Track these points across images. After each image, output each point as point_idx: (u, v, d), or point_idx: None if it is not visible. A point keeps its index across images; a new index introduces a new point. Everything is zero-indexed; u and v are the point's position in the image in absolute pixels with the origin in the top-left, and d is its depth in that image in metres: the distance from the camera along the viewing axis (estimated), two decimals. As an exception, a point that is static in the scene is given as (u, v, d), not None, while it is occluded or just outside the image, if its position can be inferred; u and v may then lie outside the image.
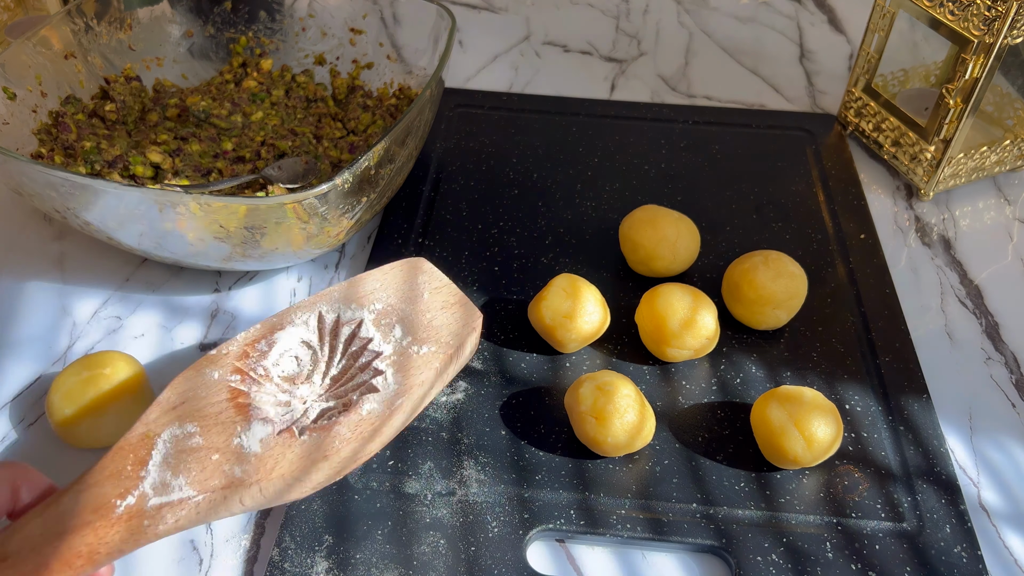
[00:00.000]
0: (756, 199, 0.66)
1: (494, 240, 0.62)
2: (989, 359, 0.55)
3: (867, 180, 0.70)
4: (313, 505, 0.45)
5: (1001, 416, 0.52)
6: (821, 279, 0.59)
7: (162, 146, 0.63)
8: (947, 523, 0.45)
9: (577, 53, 0.86)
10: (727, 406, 0.51)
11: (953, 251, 0.63)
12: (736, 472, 0.47)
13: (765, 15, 0.93)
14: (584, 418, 0.46)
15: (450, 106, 0.75)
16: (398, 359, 0.41)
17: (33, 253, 0.61)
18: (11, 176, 0.51)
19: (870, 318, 0.56)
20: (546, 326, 0.51)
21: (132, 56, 0.69)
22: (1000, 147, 0.67)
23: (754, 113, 0.76)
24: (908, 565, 0.43)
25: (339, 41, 0.73)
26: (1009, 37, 0.57)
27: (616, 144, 0.71)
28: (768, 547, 0.44)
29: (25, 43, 0.61)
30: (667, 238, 0.56)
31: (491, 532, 0.44)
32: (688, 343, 0.50)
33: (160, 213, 0.49)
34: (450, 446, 0.48)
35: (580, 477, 0.47)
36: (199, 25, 0.72)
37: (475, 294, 0.58)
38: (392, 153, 0.54)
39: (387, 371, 0.41)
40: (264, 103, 0.69)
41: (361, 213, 0.55)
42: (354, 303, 0.44)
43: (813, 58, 0.86)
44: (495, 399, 0.51)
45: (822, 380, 0.52)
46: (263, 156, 0.63)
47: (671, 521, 0.45)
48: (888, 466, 0.48)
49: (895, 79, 0.74)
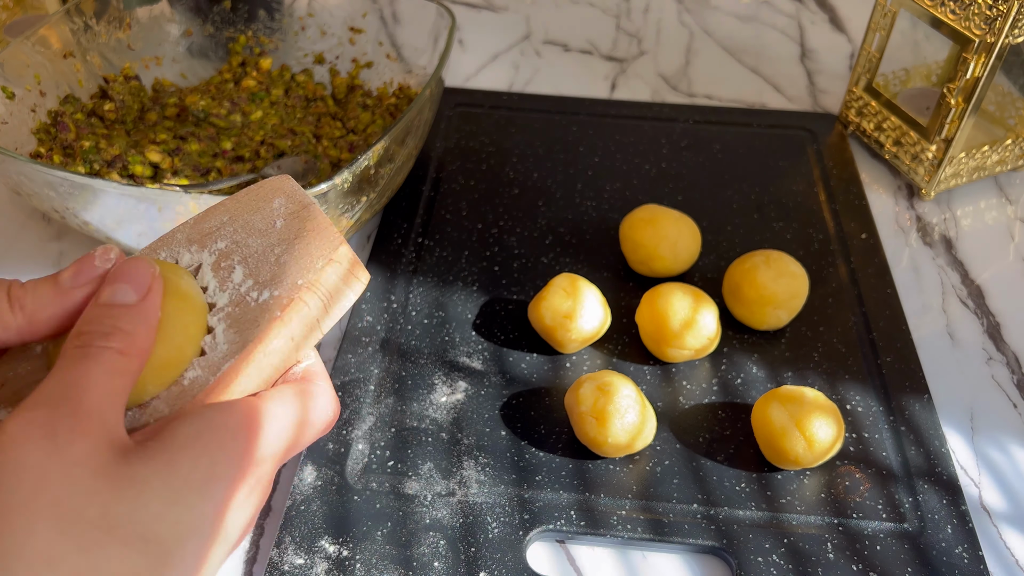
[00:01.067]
0: (757, 199, 0.66)
1: (494, 240, 0.62)
2: (990, 359, 0.55)
3: (868, 180, 0.70)
4: (312, 506, 0.45)
5: (1002, 416, 0.52)
6: (822, 279, 0.59)
7: (161, 145, 0.62)
8: (948, 524, 0.45)
9: (577, 52, 0.86)
10: (728, 406, 0.51)
11: (954, 251, 0.63)
12: (737, 472, 0.47)
13: (766, 14, 0.92)
14: (584, 418, 0.45)
15: (450, 105, 0.75)
16: (233, 311, 0.32)
17: (32, 253, 0.61)
18: (10, 176, 0.51)
19: (871, 318, 0.56)
20: (546, 326, 0.51)
21: (131, 55, 0.69)
22: (1002, 146, 0.66)
23: (755, 112, 0.76)
24: (909, 566, 0.43)
25: (338, 40, 0.73)
26: (1010, 36, 0.57)
27: (616, 144, 0.71)
28: (769, 548, 0.43)
29: (24, 42, 0.61)
30: (668, 238, 0.56)
31: (491, 533, 0.44)
32: (689, 343, 0.50)
33: (159, 213, 0.49)
34: (450, 447, 0.48)
35: (580, 478, 0.47)
36: (198, 24, 0.72)
37: (475, 294, 0.57)
38: (392, 152, 0.54)
39: (216, 328, 0.32)
40: (263, 102, 0.69)
41: (361, 212, 0.55)
42: (195, 244, 0.35)
43: (814, 57, 0.86)
44: (495, 399, 0.50)
45: (823, 380, 0.52)
46: (262, 155, 0.63)
47: (672, 522, 0.45)
48: (889, 466, 0.47)
49: (896, 78, 0.74)
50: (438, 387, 0.51)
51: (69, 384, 0.26)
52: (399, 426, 0.49)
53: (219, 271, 0.34)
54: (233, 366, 0.31)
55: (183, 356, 0.31)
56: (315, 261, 0.33)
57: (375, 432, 0.49)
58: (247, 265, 0.34)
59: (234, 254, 0.34)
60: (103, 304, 0.28)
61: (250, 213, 0.35)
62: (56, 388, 0.26)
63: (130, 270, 0.29)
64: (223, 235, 0.35)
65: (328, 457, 0.47)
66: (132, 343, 0.28)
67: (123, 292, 0.29)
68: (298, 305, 0.32)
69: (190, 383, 0.31)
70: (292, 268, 0.33)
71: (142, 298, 0.29)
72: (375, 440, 0.48)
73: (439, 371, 0.52)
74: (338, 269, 0.34)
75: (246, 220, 0.35)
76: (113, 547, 0.24)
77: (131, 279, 0.29)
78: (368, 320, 0.55)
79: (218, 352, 0.31)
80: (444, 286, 0.58)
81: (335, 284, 0.34)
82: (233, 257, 0.34)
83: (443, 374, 0.52)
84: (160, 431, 0.27)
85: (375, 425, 0.49)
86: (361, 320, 0.55)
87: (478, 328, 0.55)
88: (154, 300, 0.29)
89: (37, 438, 0.24)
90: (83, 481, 0.24)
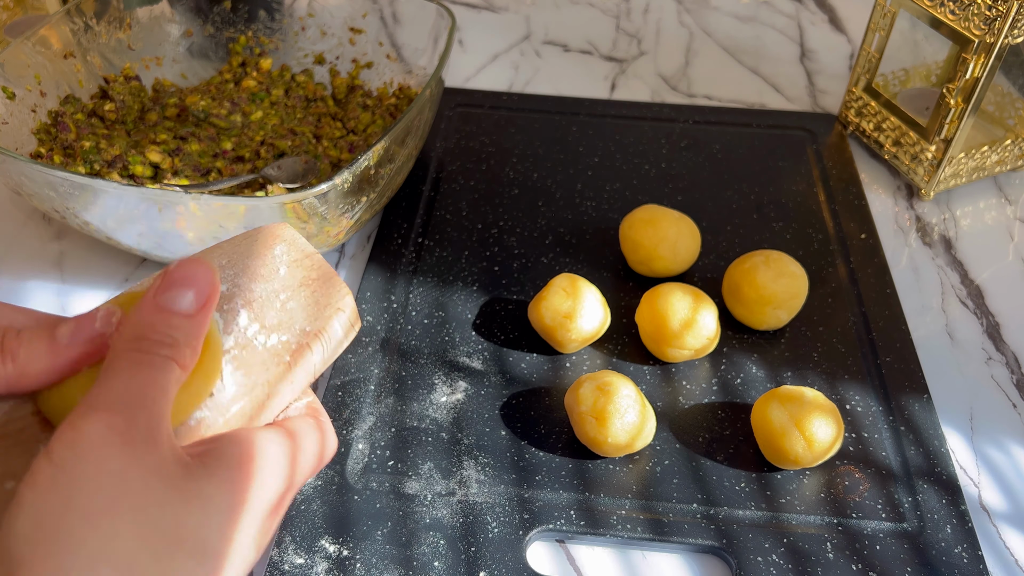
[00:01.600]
0: (757, 199, 0.66)
1: (494, 240, 0.62)
2: (990, 359, 0.55)
3: (868, 180, 0.70)
4: (313, 505, 0.45)
5: (1002, 416, 0.52)
6: (822, 279, 0.59)
7: (161, 146, 0.62)
8: (948, 523, 0.45)
9: (577, 53, 0.86)
10: (728, 406, 0.51)
11: (954, 251, 0.63)
12: (737, 472, 0.47)
13: (766, 14, 0.92)
14: (584, 418, 0.45)
15: (450, 106, 0.75)
16: (240, 353, 0.33)
17: (32, 253, 0.61)
18: (10, 176, 0.51)
19: (871, 318, 0.56)
20: (546, 326, 0.51)
21: (131, 56, 0.69)
22: (1001, 147, 0.66)
23: (755, 113, 0.76)
24: (909, 565, 0.43)
25: (339, 40, 0.73)
26: (1010, 37, 0.57)
27: (616, 144, 0.71)
28: (769, 547, 0.44)
29: (24, 42, 0.61)
30: (667, 238, 0.56)
31: (491, 532, 0.44)
32: (688, 343, 0.50)
33: (159, 213, 0.49)
34: (450, 446, 0.48)
35: (580, 477, 0.47)
36: (198, 24, 0.72)
37: (475, 294, 0.57)
38: (392, 153, 0.54)
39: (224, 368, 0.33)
40: (263, 103, 0.69)
41: (361, 213, 0.55)
42: None
43: (814, 57, 0.86)
44: (495, 399, 0.51)
45: (823, 380, 0.52)
46: (262, 156, 0.63)
47: (671, 521, 0.45)
48: (889, 466, 0.48)
49: (896, 79, 0.74)
50: (438, 387, 0.51)
51: (138, 391, 0.25)
52: (399, 426, 0.49)
53: (222, 312, 0.34)
54: (242, 408, 0.31)
55: (199, 398, 0.30)
56: (323, 309, 0.34)
57: (375, 432, 0.49)
58: (251, 309, 0.34)
59: (236, 298, 0.34)
60: (163, 308, 0.27)
61: (249, 258, 0.36)
62: (127, 393, 0.25)
63: (194, 274, 0.28)
64: (223, 278, 0.35)
65: (328, 457, 0.47)
66: (185, 357, 0.27)
67: (184, 298, 0.27)
68: (304, 350, 0.33)
69: (197, 423, 0.30)
70: (299, 315, 0.34)
71: (200, 308, 0.28)
72: (375, 440, 0.48)
73: (439, 371, 0.52)
74: (343, 318, 0.35)
75: (246, 264, 0.35)
76: (180, 557, 0.24)
77: (194, 283, 0.28)
78: (368, 320, 0.55)
79: (226, 394, 0.31)
80: (444, 286, 0.58)
81: (337, 330, 0.35)
82: (236, 300, 0.34)
83: (443, 374, 0.52)
84: (212, 448, 0.27)
85: (375, 425, 0.49)
86: (361, 320, 0.55)
87: (478, 328, 0.55)
88: (208, 313, 0.28)
89: (118, 444, 0.24)
90: (158, 491, 0.24)
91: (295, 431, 0.31)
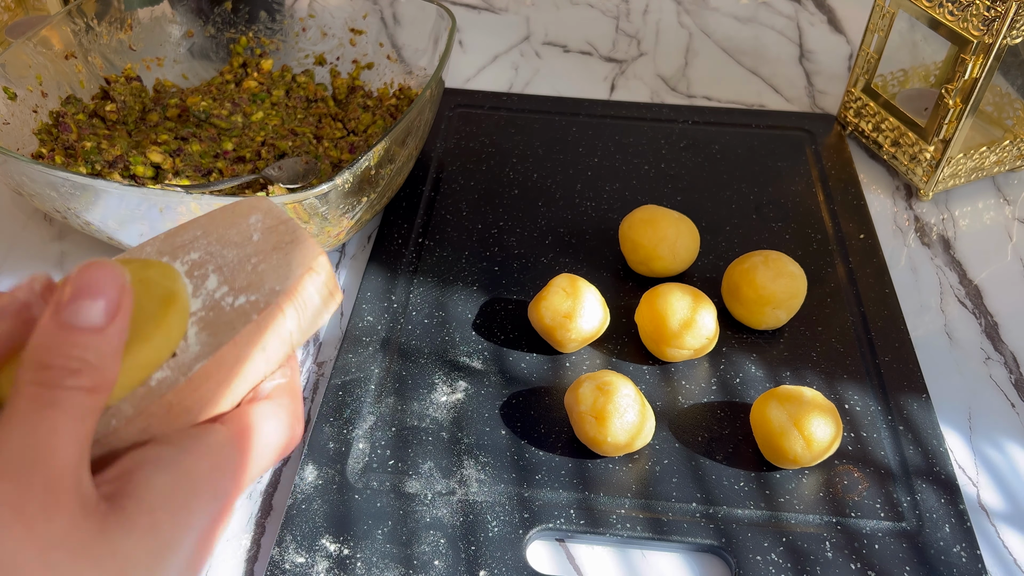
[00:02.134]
0: (756, 199, 0.66)
1: (494, 240, 0.62)
2: (988, 359, 0.55)
3: (866, 180, 0.70)
4: (313, 505, 0.45)
5: (1000, 416, 0.52)
6: (821, 279, 0.59)
7: (162, 146, 0.63)
8: (946, 523, 0.45)
9: (577, 53, 0.86)
10: (727, 406, 0.51)
11: (952, 251, 0.63)
12: (736, 472, 0.47)
13: (765, 15, 0.93)
14: (584, 418, 0.46)
15: (450, 106, 0.75)
16: (207, 315, 0.32)
17: (34, 253, 0.61)
18: (12, 176, 0.51)
19: (869, 318, 0.56)
20: (546, 326, 0.51)
21: (132, 56, 0.70)
22: (999, 147, 0.67)
23: (754, 113, 0.76)
24: (907, 564, 0.43)
25: (339, 41, 0.73)
26: (1008, 37, 0.57)
27: (616, 144, 0.72)
28: (768, 546, 0.44)
29: (26, 43, 0.61)
30: (667, 238, 0.56)
31: (491, 532, 0.44)
32: (688, 343, 0.51)
33: (161, 213, 0.49)
34: (450, 446, 0.48)
35: (580, 477, 0.47)
36: (199, 25, 0.72)
37: (475, 294, 0.58)
38: (392, 153, 0.54)
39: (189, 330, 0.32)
40: (264, 103, 0.69)
41: (361, 213, 0.55)
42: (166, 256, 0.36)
43: (813, 58, 0.86)
44: (495, 399, 0.51)
45: (821, 380, 0.52)
46: (263, 156, 0.63)
47: (671, 521, 0.45)
48: (887, 466, 0.48)
49: (895, 79, 0.74)
50: (438, 387, 0.51)
51: (35, 445, 0.22)
52: (400, 425, 0.49)
53: (192, 278, 0.34)
54: (204, 368, 0.30)
55: (159, 358, 0.30)
56: (293, 269, 0.33)
57: (376, 431, 0.49)
58: (222, 273, 0.34)
59: (208, 264, 0.34)
60: (66, 326, 0.23)
61: (225, 228, 0.35)
62: (21, 453, 0.22)
63: (97, 280, 0.24)
64: (196, 247, 0.35)
65: (329, 456, 0.47)
66: (102, 378, 0.24)
67: (90, 311, 0.23)
68: (274, 311, 0.32)
69: (157, 384, 0.30)
70: (269, 275, 0.33)
71: (111, 319, 0.24)
72: (376, 439, 0.48)
73: (439, 371, 0.52)
74: (316, 279, 0.34)
75: (221, 234, 0.35)
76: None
77: (99, 292, 0.24)
78: (368, 320, 0.55)
79: (189, 353, 0.31)
80: (444, 286, 0.58)
81: (311, 295, 0.34)
82: (207, 266, 0.34)
83: (443, 374, 0.52)
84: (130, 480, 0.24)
85: (376, 424, 0.49)
86: (362, 320, 0.55)
87: (478, 328, 0.55)
88: (124, 322, 0.24)
89: (8, 522, 0.21)
90: (63, 566, 0.21)
91: (249, 426, 0.28)
